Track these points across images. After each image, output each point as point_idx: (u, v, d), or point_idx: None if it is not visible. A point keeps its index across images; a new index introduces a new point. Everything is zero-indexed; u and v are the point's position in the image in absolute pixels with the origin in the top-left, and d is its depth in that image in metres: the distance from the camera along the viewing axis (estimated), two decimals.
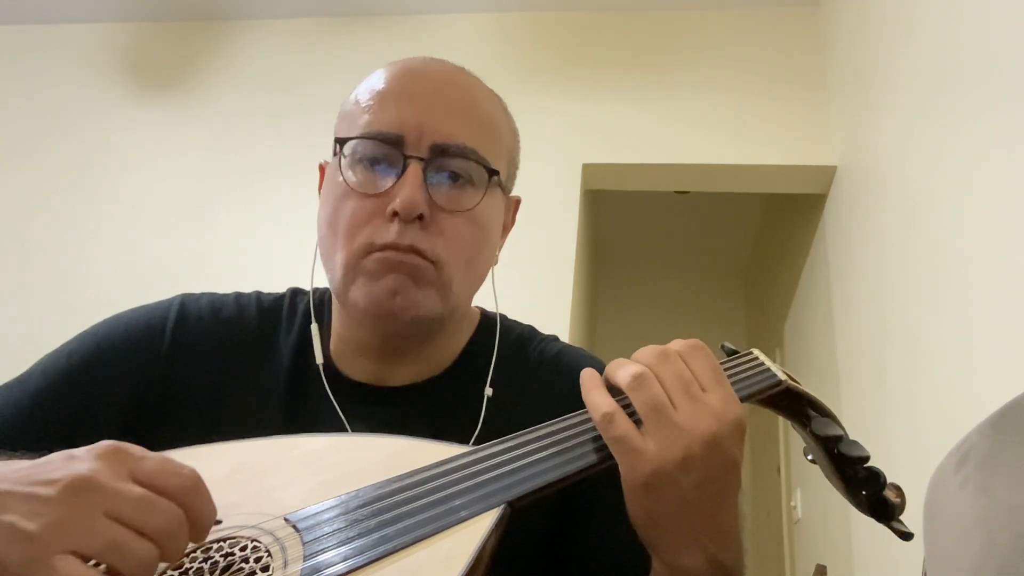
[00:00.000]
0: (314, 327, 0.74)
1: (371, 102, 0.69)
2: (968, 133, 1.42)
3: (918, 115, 1.67)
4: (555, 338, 0.81)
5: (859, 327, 2.04)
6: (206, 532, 0.48)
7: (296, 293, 0.79)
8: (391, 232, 0.65)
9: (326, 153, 0.74)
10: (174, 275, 2.38)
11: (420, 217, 0.65)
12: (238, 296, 0.78)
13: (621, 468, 0.54)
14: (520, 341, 0.79)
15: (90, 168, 2.65)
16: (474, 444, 0.58)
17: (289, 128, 2.58)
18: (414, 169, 0.66)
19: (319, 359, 0.72)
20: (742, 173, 2.41)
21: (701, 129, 2.41)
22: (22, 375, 0.71)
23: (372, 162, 0.67)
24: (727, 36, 2.52)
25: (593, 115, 2.48)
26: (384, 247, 0.65)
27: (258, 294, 0.79)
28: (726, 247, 4.08)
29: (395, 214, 0.65)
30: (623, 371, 0.56)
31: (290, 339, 0.74)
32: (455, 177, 0.68)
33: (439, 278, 0.67)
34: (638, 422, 0.54)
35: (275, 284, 0.85)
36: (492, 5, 2.65)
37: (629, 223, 3.88)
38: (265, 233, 2.46)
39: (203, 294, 0.78)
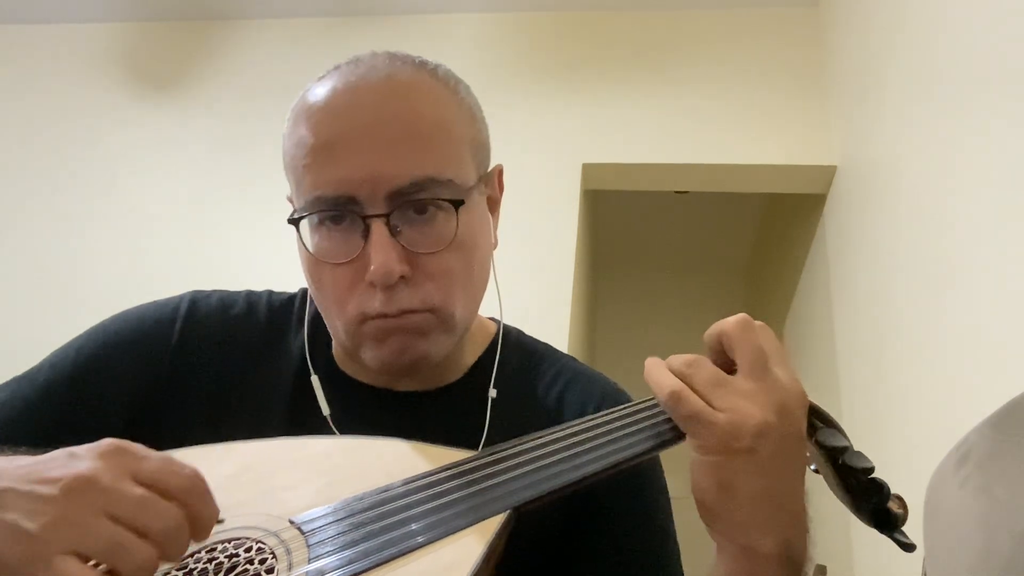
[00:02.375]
0: (315, 379, 0.72)
1: (308, 159, 0.64)
2: (968, 133, 1.42)
3: (918, 115, 1.67)
4: (574, 358, 0.81)
5: (859, 327, 2.04)
6: (207, 533, 0.48)
7: (307, 293, 0.78)
8: (377, 302, 0.62)
9: None
10: (174, 275, 2.38)
11: (401, 276, 0.62)
12: (248, 294, 0.78)
13: (694, 441, 0.54)
14: (536, 356, 0.78)
15: (89, 168, 2.64)
16: (482, 448, 0.58)
17: None
18: (378, 230, 0.61)
19: (321, 397, 0.71)
20: (742, 173, 2.41)
21: (701, 129, 2.41)
22: (30, 370, 0.71)
23: (333, 223, 0.63)
24: (727, 36, 2.52)
25: (593, 115, 2.48)
26: (376, 316, 0.63)
27: (269, 293, 0.79)
28: (726, 247, 4.08)
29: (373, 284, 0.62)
30: (678, 360, 0.57)
31: (299, 339, 0.74)
32: (422, 210, 0.63)
33: (441, 321, 0.65)
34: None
35: (276, 284, 0.85)
36: (491, 5, 2.65)
37: (629, 223, 3.88)
38: (265, 233, 2.46)
39: (213, 291, 0.77)
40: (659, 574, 0.68)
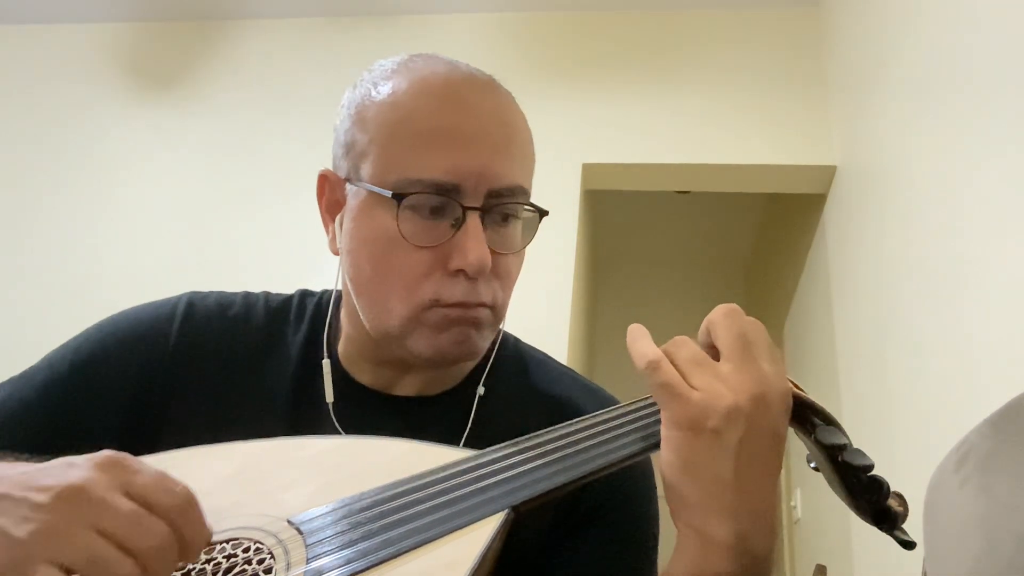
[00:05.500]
0: (326, 362, 0.72)
1: (416, 140, 0.64)
2: (968, 132, 1.42)
3: (918, 115, 1.67)
4: (572, 369, 0.81)
5: (859, 327, 2.04)
6: (196, 554, 0.48)
7: (305, 295, 0.79)
8: (459, 290, 0.63)
9: (326, 153, 0.73)
10: (174, 276, 2.38)
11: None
12: (246, 295, 0.78)
13: (665, 413, 0.54)
14: (534, 361, 0.78)
15: (90, 168, 2.65)
16: (464, 443, 0.58)
17: (290, 128, 2.58)
18: (475, 222, 0.63)
19: (328, 383, 0.71)
20: (742, 173, 2.41)
21: (701, 129, 2.41)
22: (28, 370, 0.71)
23: (426, 210, 0.63)
24: (727, 36, 2.52)
25: (593, 115, 2.48)
26: (453, 304, 0.64)
27: (266, 294, 0.79)
28: (726, 247, 4.08)
29: (460, 271, 0.63)
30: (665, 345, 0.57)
31: (297, 340, 0.74)
32: (505, 214, 0.66)
33: (495, 319, 0.68)
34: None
35: (276, 284, 0.85)
36: (492, 5, 2.65)
37: (629, 223, 3.88)
38: (266, 233, 2.46)
39: (211, 292, 0.77)
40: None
